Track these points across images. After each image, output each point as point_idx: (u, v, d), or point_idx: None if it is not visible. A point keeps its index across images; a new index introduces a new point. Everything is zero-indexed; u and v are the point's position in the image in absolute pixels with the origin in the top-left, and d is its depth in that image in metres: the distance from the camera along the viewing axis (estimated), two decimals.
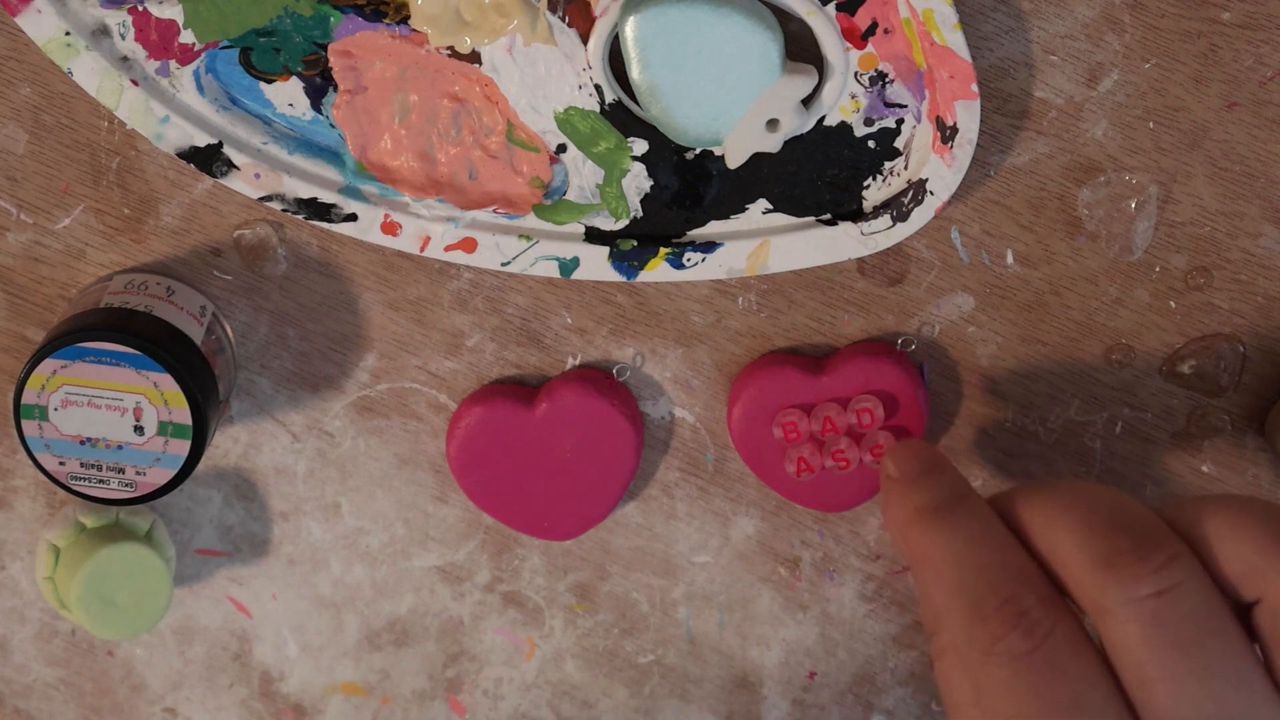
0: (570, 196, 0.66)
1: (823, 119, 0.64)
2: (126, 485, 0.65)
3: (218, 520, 0.72)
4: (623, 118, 0.64)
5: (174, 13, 0.63)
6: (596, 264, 0.66)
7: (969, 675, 0.57)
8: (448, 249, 0.66)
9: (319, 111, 0.65)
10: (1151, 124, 0.65)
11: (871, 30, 0.62)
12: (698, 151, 0.65)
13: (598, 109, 0.64)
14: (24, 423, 0.64)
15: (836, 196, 0.65)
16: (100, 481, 0.65)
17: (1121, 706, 0.55)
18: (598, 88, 0.63)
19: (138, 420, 0.64)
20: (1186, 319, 0.68)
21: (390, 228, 0.66)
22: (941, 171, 0.63)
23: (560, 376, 0.69)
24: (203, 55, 0.64)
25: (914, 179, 0.64)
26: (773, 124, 0.63)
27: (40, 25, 0.63)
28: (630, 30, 0.61)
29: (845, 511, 0.70)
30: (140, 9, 0.63)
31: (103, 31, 0.63)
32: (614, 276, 0.66)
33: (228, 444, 0.71)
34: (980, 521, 0.59)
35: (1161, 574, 0.55)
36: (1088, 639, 0.56)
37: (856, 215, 0.65)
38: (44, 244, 0.68)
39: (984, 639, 0.56)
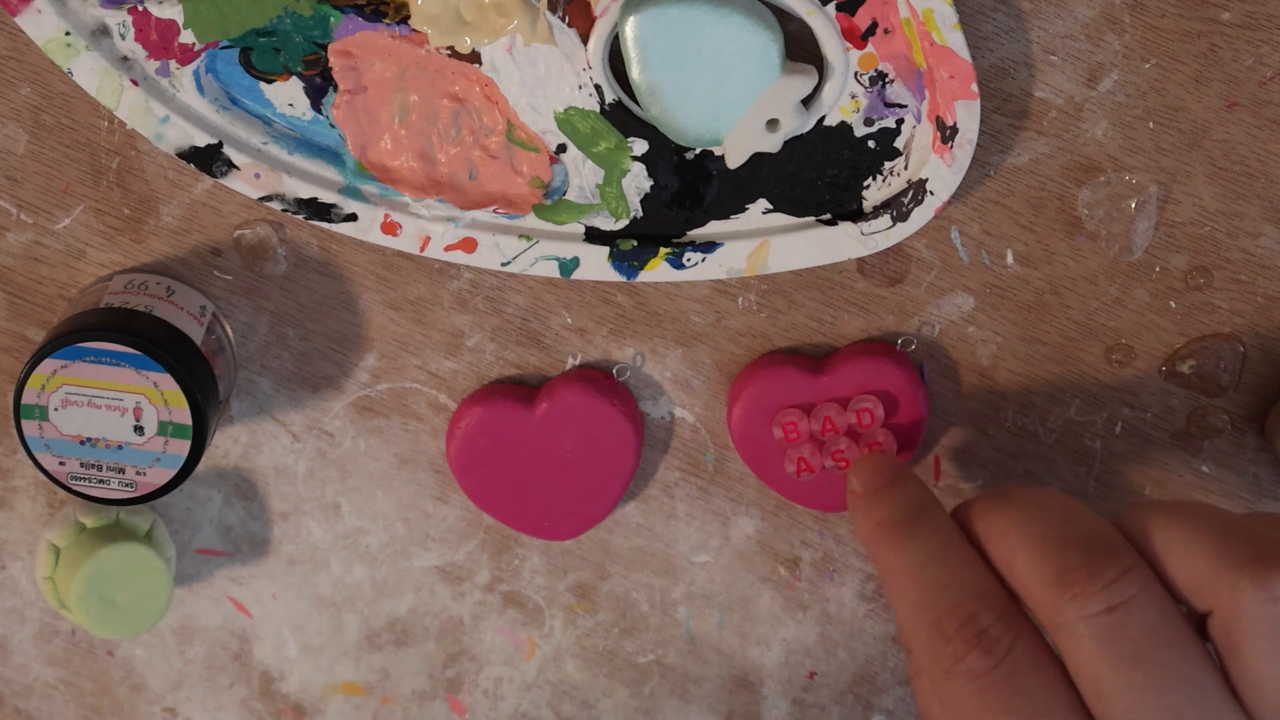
0: (570, 196, 0.66)
1: (823, 119, 0.64)
2: (126, 485, 0.65)
3: (218, 520, 0.72)
4: (623, 118, 0.64)
5: (174, 13, 0.63)
6: (596, 264, 0.66)
7: (936, 693, 0.57)
8: (448, 249, 0.66)
9: (319, 111, 0.65)
10: (1151, 124, 0.65)
11: (871, 30, 0.62)
12: (698, 151, 0.65)
13: (598, 109, 0.64)
14: (24, 423, 0.64)
15: (836, 196, 0.65)
16: (100, 481, 0.65)
17: (1083, 719, 0.55)
18: (598, 88, 0.63)
19: (138, 420, 0.64)
20: (1186, 319, 0.68)
21: (390, 228, 0.66)
22: (941, 171, 0.63)
23: (560, 376, 0.69)
24: (203, 55, 0.64)
25: (914, 179, 0.64)
26: (773, 124, 0.63)
27: (40, 25, 0.63)
28: (630, 30, 0.61)
29: (845, 511, 0.70)
30: (140, 9, 0.63)
31: (103, 31, 0.63)
32: (614, 276, 0.66)
33: (228, 444, 0.71)
34: (940, 537, 0.60)
35: (1114, 589, 0.55)
36: (1048, 653, 0.57)
37: (856, 215, 0.65)
38: (44, 244, 0.68)
39: (946, 658, 0.57)
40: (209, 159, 0.65)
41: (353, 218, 0.66)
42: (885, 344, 0.67)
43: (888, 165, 0.65)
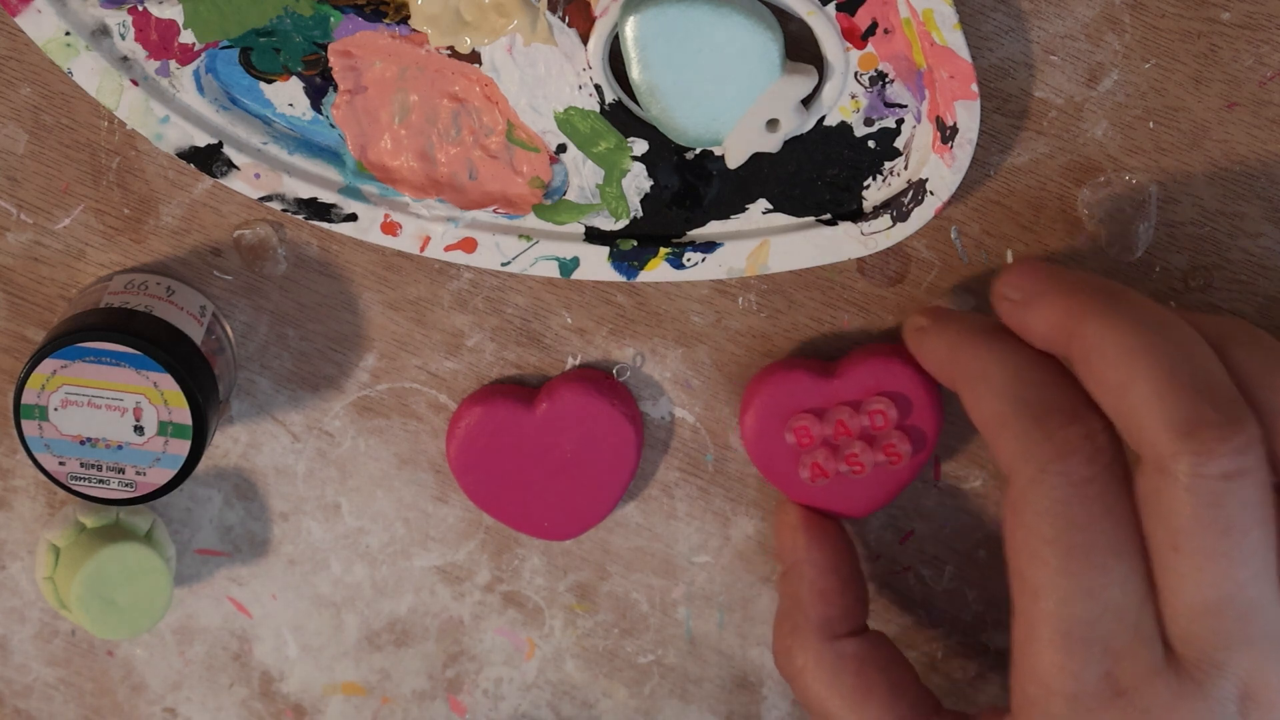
0: (570, 196, 0.66)
1: (823, 119, 0.64)
2: (126, 485, 0.65)
3: (218, 520, 0.72)
4: (623, 118, 0.64)
5: (174, 13, 0.63)
6: (596, 264, 0.66)
7: (1018, 497, 0.55)
8: (448, 249, 0.66)
9: (319, 111, 0.65)
10: (1151, 124, 0.65)
11: (871, 30, 0.62)
12: (698, 151, 0.65)
13: (598, 109, 0.64)
14: (24, 423, 0.64)
15: (836, 196, 0.65)
16: (100, 481, 0.65)
17: (1141, 559, 0.55)
18: (598, 88, 0.63)
19: (138, 420, 0.64)
20: None
21: (390, 228, 0.66)
22: (941, 171, 0.63)
23: (560, 376, 0.69)
24: (203, 55, 0.64)
25: (914, 179, 0.64)
26: (773, 124, 0.63)
27: (40, 25, 0.63)
28: (630, 30, 0.61)
29: (863, 517, 0.70)
30: (140, 9, 0.63)
31: (103, 31, 0.63)
32: (614, 276, 0.66)
33: (228, 444, 0.71)
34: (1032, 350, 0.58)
35: (1236, 458, 0.54)
36: (1129, 482, 0.55)
37: (856, 215, 0.65)
38: (44, 244, 0.68)
39: (1043, 456, 0.55)
40: (209, 159, 0.65)
41: (353, 218, 0.66)
42: (895, 345, 0.67)
43: (888, 165, 0.65)
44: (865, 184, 0.65)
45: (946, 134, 0.62)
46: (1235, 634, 0.55)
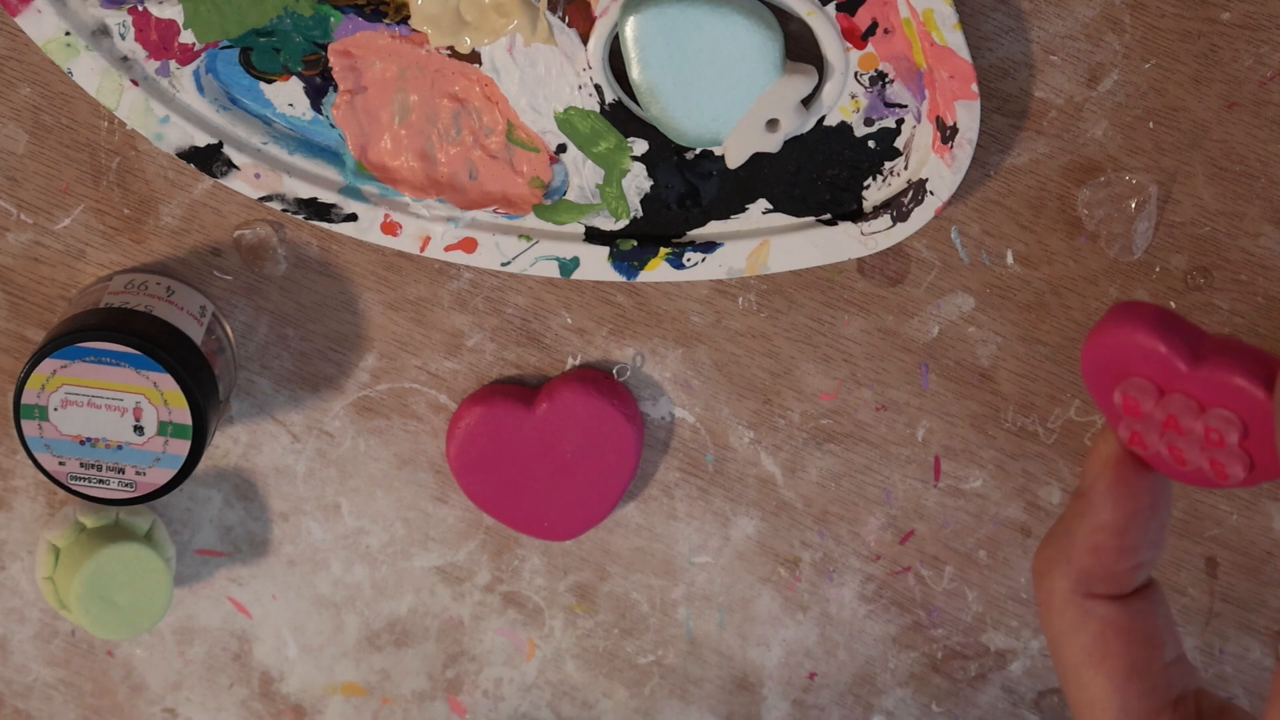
0: (570, 196, 0.66)
1: (823, 119, 0.64)
2: (126, 485, 0.65)
3: (218, 520, 0.72)
4: (623, 118, 0.64)
5: (174, 13, 0.63)
6: (596, 264, 0.66)
7: None
8: (448, 249, 0.66)
9: (319, 111, 0.65)
10: (1151, 124, 0.65)
11: (871, 30, 0.62)
12: (698, 151, 0.65)
13: (598, 109, 0.64)
14: (24, 423, 0.64)
15: (836, 196, 0.65)
16: (100, 481, 0.65)
17: None
18: (598, 88, 0.63)
19: (138, 420, 0.64)
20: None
21: (390, 228, 0.66)
22: (941, 171, 0.63)
23: (560, 376, 0.69)
24: (203, 55, 0.64)
25: (914, 179, 0.64)
26: (773, 124, 0.63)
27: (40, 25, 0.63)
28: (630, 30, 0.61)
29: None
30: (140, 9, 0.63)
31: (103, 31, 0.63)
32: (614, 276, 0.66)
33: (228, 444, 0.71)
34: None
35: None
36: None
37: (856, 215, 0.65)
38: (44, 244, 0.68)
39: None
40: (209, 159, 0.65)
41: (353, 218, 0.66)
42: (1265, 358, 0.54)
43: (888, 165, 0.65)
44: (865, 184, 0.65)
45: (946, 134, 0.62)
46: None
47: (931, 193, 0.64)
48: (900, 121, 0.64)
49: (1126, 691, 0.56)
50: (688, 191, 0.65)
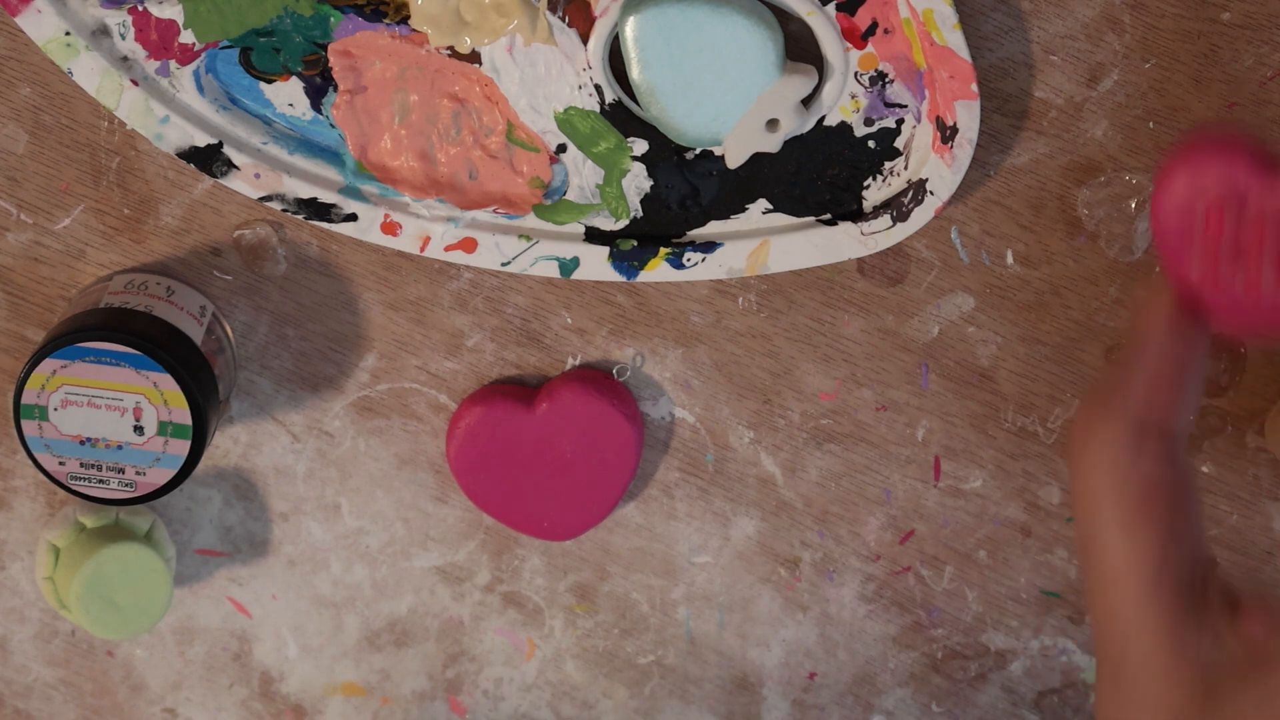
0: (570, 196, 0.66)
1: (823, 119, 0.64)
2: (126, 485, 0.65)
3: (218, 520, 0.72)
4: (623, 118, 0.64)
5: (174, 13, 0.63)
6: (596, 264, 0.66)
7: None
8: (448, 249, 0.66)
9: (319, 111, 0.65)
10: (1151, 124, 0.65)
11: (871, 30, 0.62)
12: (698, 151, 0.65)
13: (598, 109, 0.64)
14: (24, 423, 0.64)
15: (836, 196, 0.65)
16: (100, 481, 0.65)
17: None
18: (598, 88, 0.63)
19: (138, 420, 0.64)
20: None
21: (390, 228, 0.66)
22: (941, 171, 0.63)
23: (560, 376, 0.69)
24: (203, 55, 0.64)
25: (914, 179, 0.64)
26: (773, 124, 0.63)
27: (40, 25, 0.63)
28: (630, 30, 0.61)
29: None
30: (140, 9, 0.63)
31: (103, 31, 0.63)
32: (614, 276, 0.66)
33: (228, 444, 0.71)
34: None
35: None
36: None
37: (856, 215, 0.65)
38: (44, 244, 0.68)
39: None
40: (209, 159, 0.65)
41: (353, 218, 0.66)
42: None
43: (888, 165, 0.65)
44: (865, 184, 0.65)
45: (946, 134, 0.62)
46: None
47: (931, 193, 0.64)
48: (900, 121, 0.64)
49: (1167, 551, 0.56)
50: (688, 191, 0.65)
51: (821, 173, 0.65)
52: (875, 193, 0.65)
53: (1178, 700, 0.54)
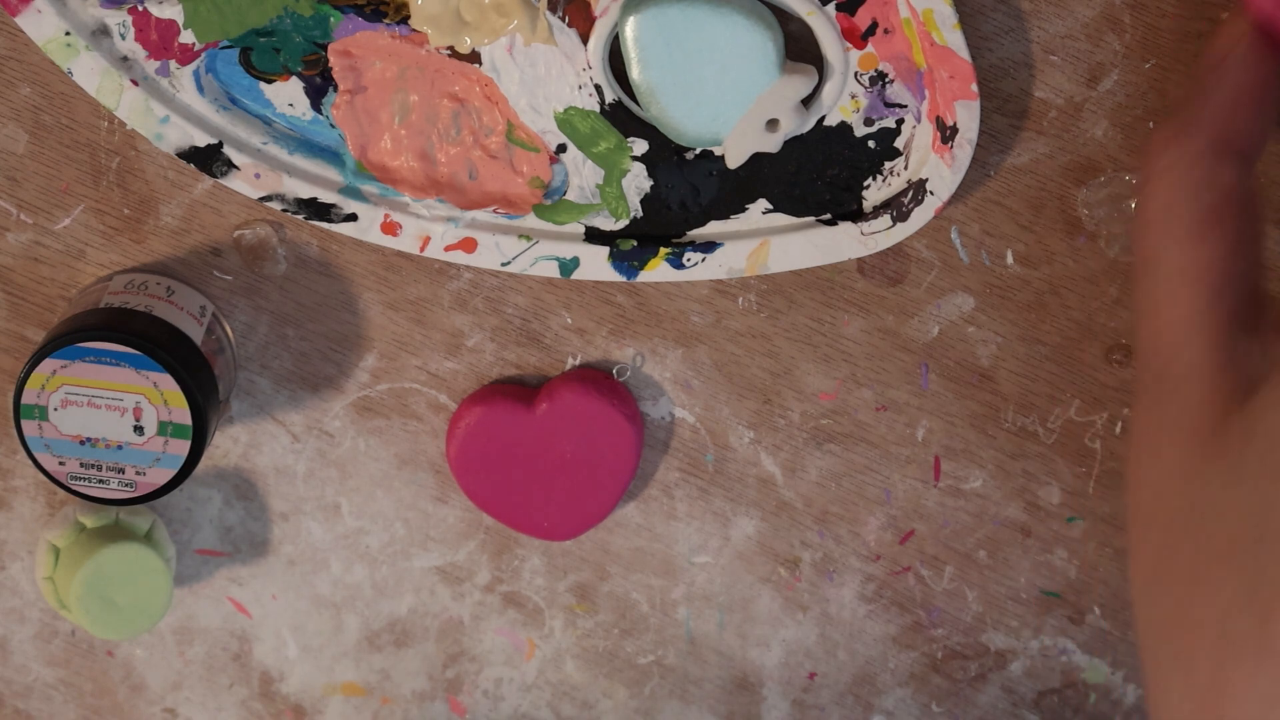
0: (570, 196, 0.66)
1: (823, 119, 0.64)
2: (126, 485, 0.65)
3: (218, 520, 0.72)
4: (623, 118, 0.64)
5: (174, 13, 0.63)
6: (596, 264, 0.66)
7: None
8: (448, 249, 0.66)
9: (319, 111, 0.65)
10: (1151, 124, 0.65)
11: (871, 30, 0.62)
12: (698, 151, 0.65)
13: (598, 109, 0.64)
14: (24, 423, 0.64)
15: (836, 196, 0.65)
16: (100, 481, 0.65)
17: None
18: (598, 88, 0.63)
19: (138, 420, 0.64)
20: None
21: (390, 228, 0.66)
22: (941, 171, 0.63)
23: (560, 376, 0.69)
24: (203, 55, 0.64)
25: (914, 179, 0.64)
26: (773, 124, 0.63)
27: (40, 25, 0.63)
28: (630, 30, 0.61)
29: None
30: (140, 9, 0.63)
31: (103, 31, 0.63)
32: (614, 276, 0.66)
33: (228, 444, 0.71)
34: None
35: None
36: None
37: (856, 215, 0.65)
38: (44, 244, 0.68)
39: None
40: (209, 159, 0.65)
41: (353, 218, 0.66)
42: None
43: (888, 165, 0.65)
44: (865, 184, 0.65)
45: (946, 134, 0.62)
46: None
47: (931, 193, 0.64)
48: (900, 121, 0.64)
49: (1231, 263, 0.56)
50: (688, 191, 0.65)
51: (821, 173, 0.65)
52: (875, 193, 0.65)
53: (1219, 403, 0.54)
